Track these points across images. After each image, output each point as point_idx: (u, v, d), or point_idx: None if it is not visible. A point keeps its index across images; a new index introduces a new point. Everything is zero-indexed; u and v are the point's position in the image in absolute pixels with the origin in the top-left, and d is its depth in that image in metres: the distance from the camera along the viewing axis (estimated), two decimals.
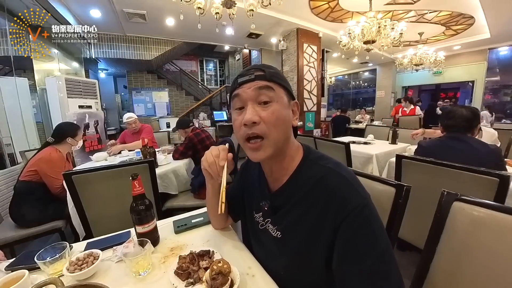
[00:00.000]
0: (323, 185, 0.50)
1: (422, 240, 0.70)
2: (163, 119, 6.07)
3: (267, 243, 0.62)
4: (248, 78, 0.52)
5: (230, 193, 0.79)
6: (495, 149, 1.21)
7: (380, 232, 0.47)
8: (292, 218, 0.55)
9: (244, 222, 0.75)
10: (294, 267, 0.56)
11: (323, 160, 0.55)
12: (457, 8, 3.98)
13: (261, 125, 0.51)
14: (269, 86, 0.51)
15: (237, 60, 8.90)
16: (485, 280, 0.58)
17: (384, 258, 0.44)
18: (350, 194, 0.48)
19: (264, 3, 2.44)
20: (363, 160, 2.25)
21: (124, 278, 0.63)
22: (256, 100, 0.51)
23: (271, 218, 0.61)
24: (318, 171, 0.53)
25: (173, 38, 5.28)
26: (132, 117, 2.74)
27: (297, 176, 0.56)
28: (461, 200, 0.63)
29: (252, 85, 0.51)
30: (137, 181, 0.73)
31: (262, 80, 0.51)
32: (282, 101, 0.53)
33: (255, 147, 0.53)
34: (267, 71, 0.53)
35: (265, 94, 0.51)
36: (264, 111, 0.51)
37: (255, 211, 0.66)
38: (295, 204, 0.54)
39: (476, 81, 6.73)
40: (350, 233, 0.46)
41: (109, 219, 1.31)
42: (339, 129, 5.25)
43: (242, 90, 0.52)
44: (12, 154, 2.95)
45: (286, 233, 0.56)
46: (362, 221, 0.46)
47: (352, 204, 0.46)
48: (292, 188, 0.56)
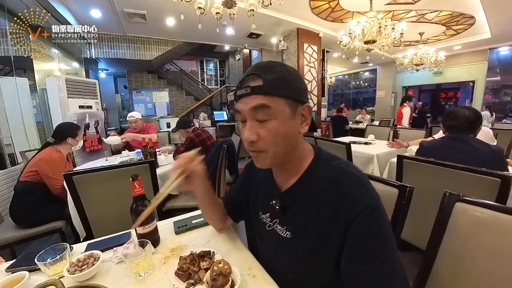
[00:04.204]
0: (336, 185, 0.50)
1: (424, 240, 0.70)
2: (163, 119, 6.07)
3: (274, 244, 0.61)
4: (244, 92, 0.49)
5: (231, 194, 0.79)
6: (497, 150, 1.21)
7: (389, 233, 0.47)
8: (302, 217, 0.54)
9: (249, 223, 0.74)
10: (303, 268, 0.55)
11: (335, 161, 0.55)
12: (457, 8, 3.97)
13: (259, 142, 0.50)
14: (264, 105, 0.47)
15: (238, 60, 8.90)
16: (488, 281, 0.57)
17: (392, 258, 0.45)
18: (362, 194, 0.48)
19: (265, 3, 2.44)
20: (363, 161, 2.25)
21: (125, 279, 0.63)
22: (254, 117, 0.50)
23: (279, 218, 0.59)
24: (330, 171, 0.53)
25: (173, 38, 5.28)
26: (133, 116, 2.72)
27: (308, 176, 0.55)
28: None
29: (249, 103, 0.49)
30: (137, 182, 0.73)
31: (258, 94, 0.48)
32: (283, 115, 0.49)
33: (255, 156, 0.54)
34: (265, 79, 0.47)
35: (261, 113, 0.48)
36: (262, 128, 0.49)
37: (261, 212, 0.65)
38: (306, 204, 0.54)
39: (477, 81, 6.73)
40: (361, 233, 0.46)
41: (109, 219, 1.31)
42: (337, 130, 5.24)
43: (241, 107, 0.51)
44: (12, 154, 2.95)
45: (296, 233, 0.55)
46: (373, 221, 0.46)
47: (364, 203, 0.46)
48: (302, 188, 0.55)
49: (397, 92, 8.47)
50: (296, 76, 0.52)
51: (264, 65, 0.51)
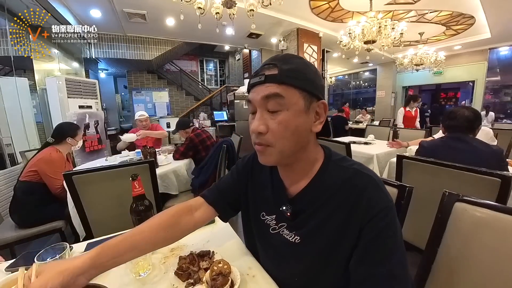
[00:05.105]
0: (351, 186, 0.49)
1: (423, 240, 0.70)
2: (163, 119, 6.06)
3: (278, 247, 0.58)
4: (258, 80, 0.48)
5: (224, 190, 0.69)
6: (497, 150, 1.21)
7: (401, 237, 0.46)
8: (315, 222, 0.52)
9: (246, 222, 0.69)
10: (312, 272, 0.53)
11: (347, 162, 0.53)
12: (457, 8, 3.97)
13: (268, 135, 0.48)
14: (277, 94, 0.45)
15: (237, 60, 8.91)
16: (488, 281, 0.57)
17: (402, 263, 0.44)
18: (378, 195, 0.47)
19: (265, 3, 2.44)
20: (363, 160, 2.25)
21: (124, 279, 0.63)
22: (265, 107, 0.48)
23: (287, 223, 0.56)
24: (344, 173, 0.51)
25: (173, 38, 5.28)
26: (144, 114, 2.79)
27: (319, 179, 0.53)
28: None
29: (261, 92, 0.47)
30: (137, 181, 0.73)
31: (273, 82, 0.46)
32: (296, 107, 0.46)
33: (260, 150, 0.51)
34: (280, 68, 0.46)
35: (273, 102, 0.46)
36: (272, 120, 0.47)
37: (265, 213, 0.61)
38: (319, 208, 0.51)
39: (477, 81, 6.73)
40: (374, 235, 0.45)
41: (109, 219, 1.31)
42: (337, 130, 5.25)
43: (253, 96, 0.49)
44: (12, 154, 2.95)
45: (308, 237, 0.53)
46: (387, 224, 0.45)
47: (380, 206, 0.45)
48: (315, 191, 0.53)
49: (397, 92, 8.47)
50: (314, 71, 0.50)
51: (281, 56, 0.50)
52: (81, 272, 0.45)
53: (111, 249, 0.50)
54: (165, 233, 0.57)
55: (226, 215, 0.70)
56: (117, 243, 0.51)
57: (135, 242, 0.53)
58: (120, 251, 0.50)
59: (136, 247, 0.52)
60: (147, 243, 0.54)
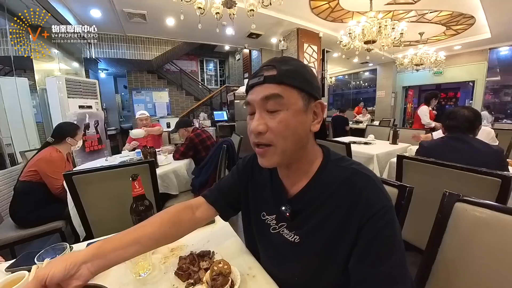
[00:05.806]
0: (349, 186, 0.49)
1: (423, 240, 0.70)
2: (164, 119, 6.06)
3: (278, 247, 0.58)
4: (257, 81, 0.49)
5: (225, 189, 0.70)
6: (498, 150, 1.21)
7: (400, 236, 0.46)
8: (314, 221, 0.52)
9: (247, 222, 0.69)
10: (312, 271, 0.53)
11: (345, 162, 0.54)
12: (457, 8, 3.97)
13: (267, 134, 0.48)
14: (276, 94, 0.46)
15: (237, 60, 8.90)
16: (488, 281, 0.57)
17: (401, 262, 0.44)
18: (377, 195, 0.47)
19: (265, 3, 2.44)
20: (363, 161, 2.25)
21: (125, 279, 0.63)
22: (264, 108, 0.48)
23: (287, 222, 0.57)
24: (342, 172, 0.51)
25: (173, 38, 5.27)
26: (145, 113, 2.86)
27: (318, 179, 0.53)
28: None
29: (261, 92, 0.48)
30: (137, 182, 0.73)
31: (272, 83, 0.47)
32: (295, 107, 0.47)
33: (261, 153, 0.51)
34: (279, 69, 0.47)
35: (272, 102, 0.47)
36: (272, 119, 0.48)
37: (265, 213, 0.62)
38: (318, 207, 0.52)
39: (477, 81, 6.72)
40: (373, 235, 0.45)
41: (109, 219, 1.31)
42: (338, 130, 5.25)
43: (252, 97, 0.50)
44: (12, 154, 2.95)
45: (307, 237, 0.53)
46: (386, 223, 0.45)
47: (378, 205, 0.46)
48: (313, 191, 0.53)
49: (397, 92, 8.47)
50: (311, 72, 0.52)
51: (279, 58, 0.52)
52: (83, 260, 0.45)
53: (114, 241, 0.51)
54: (166, 230, 0.58)
55: (226, 214, 0.71)
56: (120, 237, 0.53)
57: (137, 237, 0.53)
58: (123, 243, 0.51)
59: (138, 241, 0.53)
60: (149, 239, 0.55)
